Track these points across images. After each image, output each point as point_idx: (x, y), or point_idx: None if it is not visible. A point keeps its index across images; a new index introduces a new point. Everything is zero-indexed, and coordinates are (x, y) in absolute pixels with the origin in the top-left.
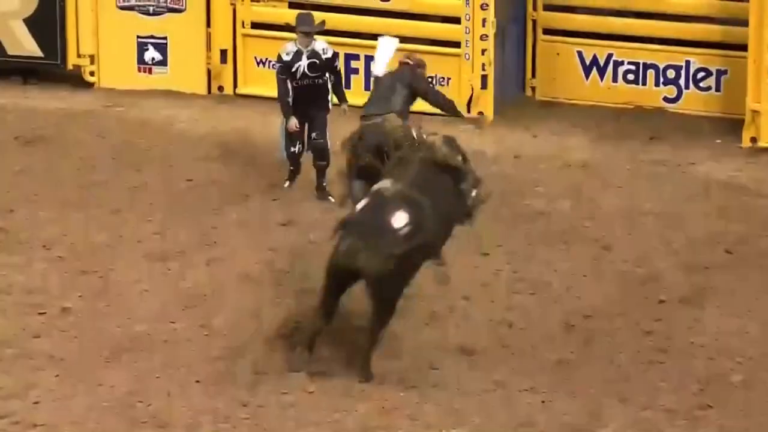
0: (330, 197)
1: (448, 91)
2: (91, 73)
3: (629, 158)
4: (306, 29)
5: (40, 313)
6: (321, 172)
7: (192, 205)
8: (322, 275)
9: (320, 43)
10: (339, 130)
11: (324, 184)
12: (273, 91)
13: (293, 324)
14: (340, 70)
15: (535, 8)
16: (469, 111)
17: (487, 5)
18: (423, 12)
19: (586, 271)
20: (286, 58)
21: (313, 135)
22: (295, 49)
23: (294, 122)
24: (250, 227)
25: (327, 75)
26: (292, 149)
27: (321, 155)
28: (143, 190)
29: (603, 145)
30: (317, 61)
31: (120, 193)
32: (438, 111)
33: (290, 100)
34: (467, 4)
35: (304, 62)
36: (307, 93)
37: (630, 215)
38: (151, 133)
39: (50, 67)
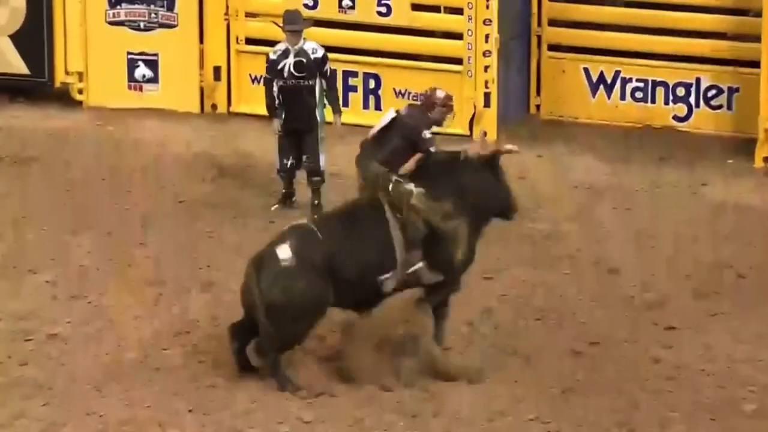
0: None
1: None
2: (80, 91)
3: (638, 179)
4: (292, 28)
5: (27, 340)
6: (315, 191)
7: (185, 227)
8: None
9: (310, 43)
10: (335, 146)
11: (316, 202)
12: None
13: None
14: (334, 74)
15: (539, 24)
16: (471, 130)
17: (490, 21)
18: (424, 27)
19: (592, 296)
20: (273, 56)
21: (304, 158)
22: (283, 47)
23: (277, 124)
24: (246, 250)
25: (316, 78)
26: (285, 162)
27: (313, 174)
28: (134, 212)
29: (610, 166)
30: (304, 60)
31: (110, 216)
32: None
33: (277, 102)
34: (469, 19)
35: (290, 60)
36: (294, 96)
37: (638, 238)
38: (142, 154)
39: (37, 85)
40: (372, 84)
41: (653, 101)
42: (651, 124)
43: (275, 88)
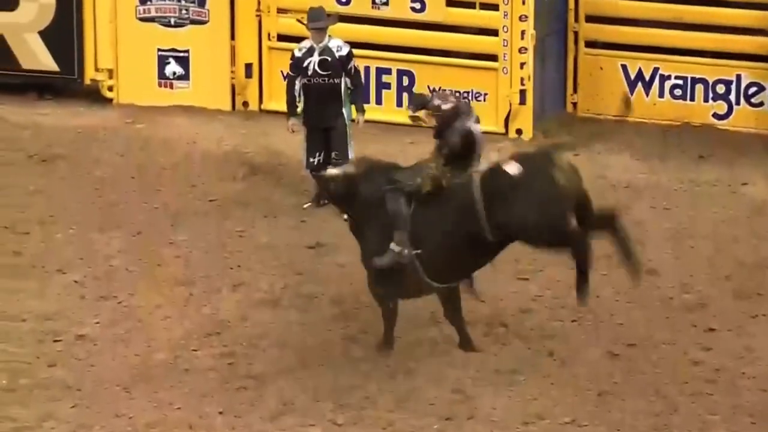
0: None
1: (484, 107)
2: (110, 89)
3: (677, 178)
4: (317, 25)
5: (55, 341)
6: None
7: (216, 226)
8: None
9: (335, 41)
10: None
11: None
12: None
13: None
14: (358, 72)
15: (576, 20)
16: (506, 128)
17: (527, 16)
18: (458, 24)
19: (630, 298)
20: (298, 54)
21: (333, 154)
22: (308, 45)
23: (293, 122)
24: (277, 250)
25: (342, 77)
26: (311, 160)
27: None
28: (164, 211)
29: (649, 165)
30: (329, 59)
31: (140, 215)
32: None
33: (299, 100)
34: (505, 15)
35: (315, 59)
36: (319, 94)
37: (677, 238)
38: (172, 152)
39: (67, 82)
40: (406, 81)
41: (692, 99)
42: (690, 122)
43: (298, 86)
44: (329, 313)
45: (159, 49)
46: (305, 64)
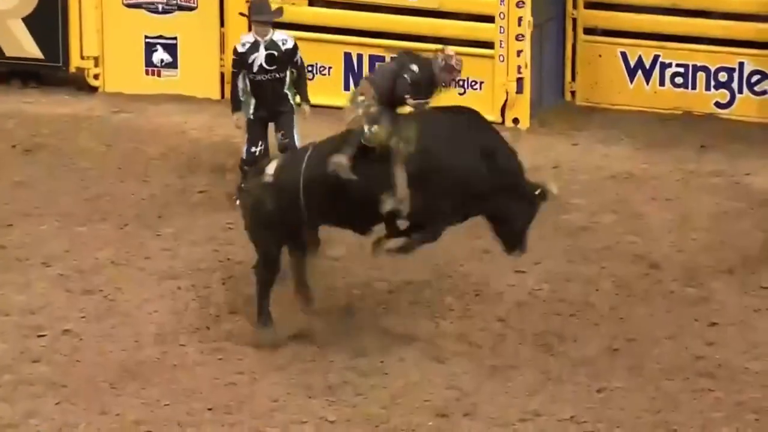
0: None
1: (480, 96)
2: (96, 77)
3: (678, 169)
4: (262, 18)
5: (40, 336)
6: None
7: (205, 218)
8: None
9: (279, 34)
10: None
11: None
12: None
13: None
14: (303, 64)
15: (575, 6)
16: (503, 117)
17: (524, 3)
18: (453, 10)
19: (631, 291)
20: (241, 49)
21: (279, 135)
22: (252, 39)
23: (237, 117)
24: None
25: (287, 70)
26: (253, 149)
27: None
28: (152, 202)
29: (649, 155)
30: (275, 53)
31: (127, 206)
32: None
33: (242, 95)
34: (501, 1)
35: (261, 54)
36: (266, 89)
37: (679, 230)
38: (160, 141)
39: (51, 69)
40: None
41: (694, 87)
42: (691, 111)
43: (242, 82)
44: (321, 307)
45: (146, 36)
46: (250, 60)
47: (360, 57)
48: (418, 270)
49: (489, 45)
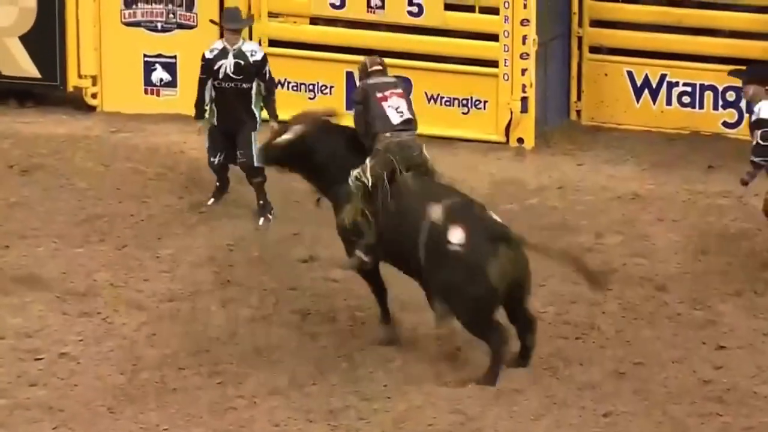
0: (269, 215)
1: (484, 115)
2: (94, 96)
3: (685, 189)
4: (233, 26)
5: (36, 359)
6: (257, 190)
7: (205, 239)
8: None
9: (249, 44)
10: None
11: (261, 202)
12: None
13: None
14: (272, 77)
15: (580, 24)
16: (507, 137)
17: (528, 21)
18: (457, 28)
19: (637, 314)
20: (209, 55)
21: (239, 153)
22: (220, 46)
23: (200, 125)
24: (268, 264)
25: (254, 82)
26: (212, 159)
27: (250, 173)
28: (150, 223)
29: (656, 175)
30: (242, 62)
31: (125, 227)
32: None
33: (207, 102)
34: (506, 19)
35: (229, 62)
36: (229, 98)
37: (686, 252)
38: (158, 161)
39: (49, 89)
40: None
41: (701, 107)
42: (699, 131)
43: (209, 90)
44: (322, 330)
45: (145, 55)
46: (216, 67)
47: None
48: (420, 292)
49: (493, 64)
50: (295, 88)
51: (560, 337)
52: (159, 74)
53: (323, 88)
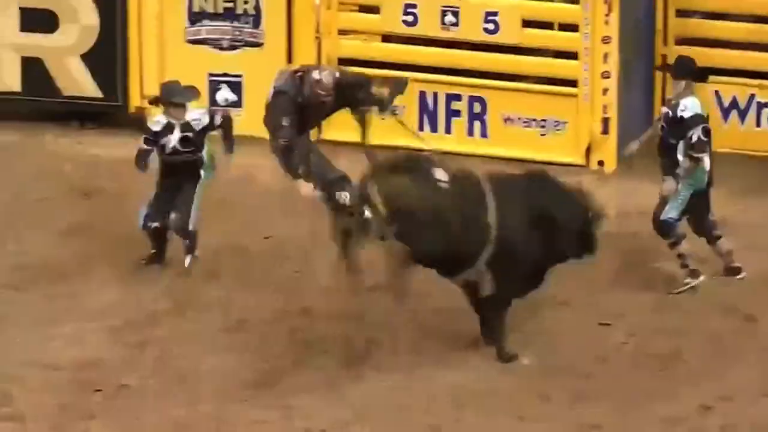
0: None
1: (563, 137)
2: None
3: None
4: (180, 100)
5: (96, 391)
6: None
7: (270, 266)
8: None
9: (193, 113)
10: None
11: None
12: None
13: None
14: (226, 119)
15: (665, 42)
16: (588, 159)
17: (610, 38)
18: (535, 46)
19: (725, 346)
20: (155, 128)
21: (173, 214)
22: (165, 120)
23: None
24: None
25: (203, 149)
26: (149, 223)
27: (185, 234)
28: (213, 250)
29: (745, 200)
30: (190, 135)
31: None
32: None
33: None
34: (586, 37)
35: (175, 136)
36: (178, 169)
37: None
38: (222, 185)
39: (111, 109)
40: (477, 108)
41: None
42: None
43: (152, 160)
44: (384, 361)
45: (210, 74)
46: (162, 141)
47: (435, 96)
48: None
49: (573, 83)
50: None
51: (642, 370)
52: (224, 94)
53: (394, 108)
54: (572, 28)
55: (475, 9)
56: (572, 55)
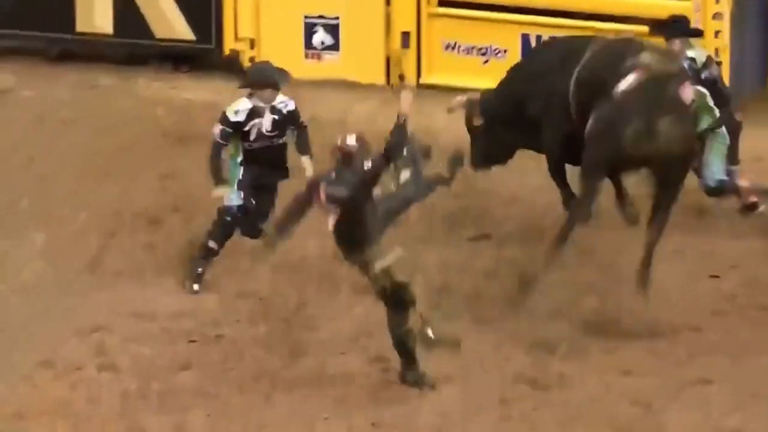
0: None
1: None
2: (251, 60)
3: None
4: (281, 83)
5: (190, 342)
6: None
7: None
8: None
9: (279, 97)
10: None
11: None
12: (463, 81)
13: None
14: (305, 124)
15: None
16: None
17: None
18: None
19: None
20: (235, 117)
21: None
22: (249, 105)
23: (220, 192)
24: (433, 243)
25: (287, 134)
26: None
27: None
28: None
29: None
30: (277, 117)
31: (283, 200)
32: None
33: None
34: None
35: (266, 119)
36: (263, 156)
37: None
38: (320, 131)
39: (204, 52)
40: None
41: None
42: None
43: (225, 154)
44: (494, 315)
45: (306, 17)
46: (248, 128)
47: (539, 39)
48: (594, 273)
49: None
50: (466, 52)
51: (754, 323)
52: (320, 37)
53: (496, 51)
54: None
55: None
56: None
